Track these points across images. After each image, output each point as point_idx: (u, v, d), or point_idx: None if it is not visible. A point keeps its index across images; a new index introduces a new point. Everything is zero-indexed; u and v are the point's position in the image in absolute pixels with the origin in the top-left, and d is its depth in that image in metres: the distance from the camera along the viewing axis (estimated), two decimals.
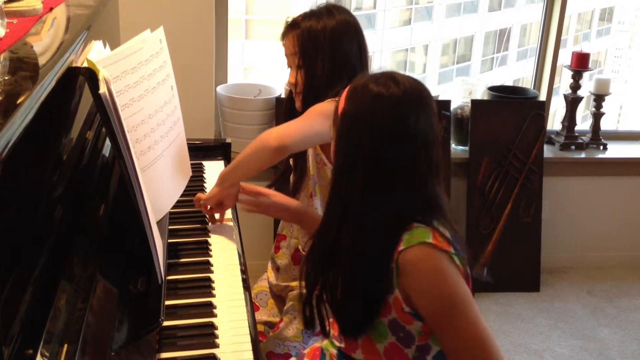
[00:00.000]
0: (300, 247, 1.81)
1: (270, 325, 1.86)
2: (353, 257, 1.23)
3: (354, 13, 1.79)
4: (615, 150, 3.23)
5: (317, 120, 1.57)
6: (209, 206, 1.63)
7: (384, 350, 1.24)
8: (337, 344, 1.32)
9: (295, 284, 1.78)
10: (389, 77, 1.25)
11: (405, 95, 1.23)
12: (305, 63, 1.69)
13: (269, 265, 1.93)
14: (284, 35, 1.74)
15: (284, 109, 1.88)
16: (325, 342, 1.38)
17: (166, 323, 1.21)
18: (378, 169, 1.21)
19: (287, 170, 1.89)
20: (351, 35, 1.70)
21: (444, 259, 1.17)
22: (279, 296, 1.88)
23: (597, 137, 3.21)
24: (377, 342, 1.25)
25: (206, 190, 1.79)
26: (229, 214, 1.68)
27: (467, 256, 1.23)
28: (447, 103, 3.00)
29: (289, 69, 1.76)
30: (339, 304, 1.27)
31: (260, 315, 1.88)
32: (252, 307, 1.37)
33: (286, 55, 1.75)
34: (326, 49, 1.67)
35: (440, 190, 1.27)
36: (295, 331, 1.71)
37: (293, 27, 1.71)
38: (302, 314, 1.33)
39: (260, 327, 1.86)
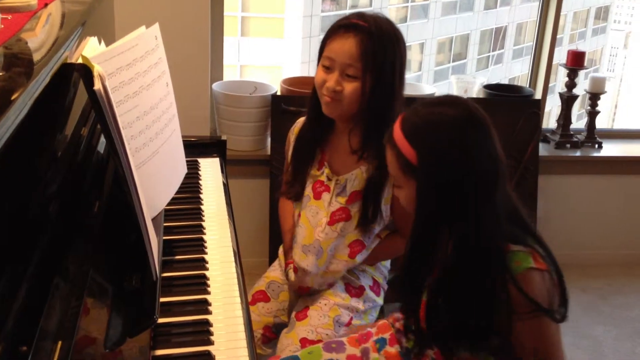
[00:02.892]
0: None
1: (278, 327, 1.84)
2: (455, 296, 1.24)
3: (350, 11, 1.77)
4: (610, 149, 3.24)
5: None
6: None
7: None
8: None
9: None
10: (433, 103, 1.24)
11: (464, 110, 1.23)
12: (364, 72, 1.60)
13: (281, 260, 1.91)
14: (335, 37, 1.63)
15: (311, 108, 1.77)
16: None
17: (161, 320, 1.20)
18: (474, 190, 1.20)
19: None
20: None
21: (547, 280, 1.21)
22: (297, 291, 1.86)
23: (592, 135, 3.21)
24: None
25: (201, 188, 1.79)
26: (223, 211, 1.68)
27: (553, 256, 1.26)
28: None
29: (328, 70, 1.65)
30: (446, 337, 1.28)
31: (271, 306, 1.86)
32: (247, 305, 1.37)
33: (333, 58, 1.63)
34: (396, 61, 1.60)
35: (513, 195, 1.27)
36: (327, 320, 1.70)
37: (352, 28, 1.61)
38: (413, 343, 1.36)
39: (268, 319, 1.85)
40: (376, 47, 1.59)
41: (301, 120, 1.85)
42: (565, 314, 1.25)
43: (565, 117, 3.19)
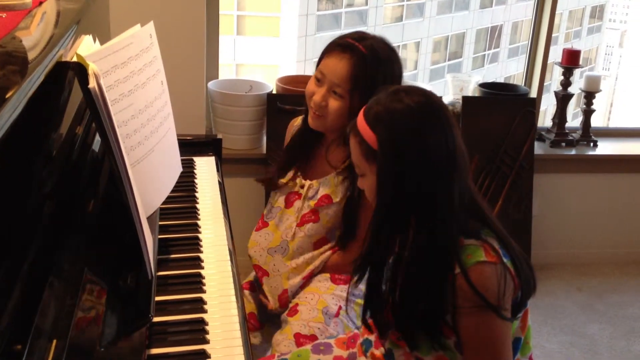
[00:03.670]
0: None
1: (262, 314, 1.87)
2: (407, 281, 1.26)
3: (346, 10, 1.81)
4: (606, 147, 3.24)
5: None
6: None
7: None
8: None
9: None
10: (397, 93, 1.26)
11: (428, 98, 1.25)
12: (351, 93, 1.64)
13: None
14: (332, 53, 1.67)
15: (301, 133, 1.83)
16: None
17: (156, 319, 1.20)
18: (432, 180, 1.22)
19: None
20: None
21: (499, 272, 1.20)
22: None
23: (588, 134, 3.22)
24: None
25: (196, 186, 1.79)
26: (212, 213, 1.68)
27: (515, 247, 1.26)
28: None
29: (318, 83, 1.69)
30: (402, 323, 1.30)
31: (257, 294, 1.89)
32: (243, 303, 1.37)
33: (324, 73, 1.67)
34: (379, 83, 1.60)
35: (473, 188, 1.28)
36: (316, 313, 1.71)
37: (349, 49, 1.65)
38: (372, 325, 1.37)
39: (252, 306, 1.87)
40: (368, 72, 1.63)
41: (300, 118, 1.87)
42: (519, 310, 1.26)
43: (560, 115, 3.19)
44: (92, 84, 1.02)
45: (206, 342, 1.21)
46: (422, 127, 1.22)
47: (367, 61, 1.63)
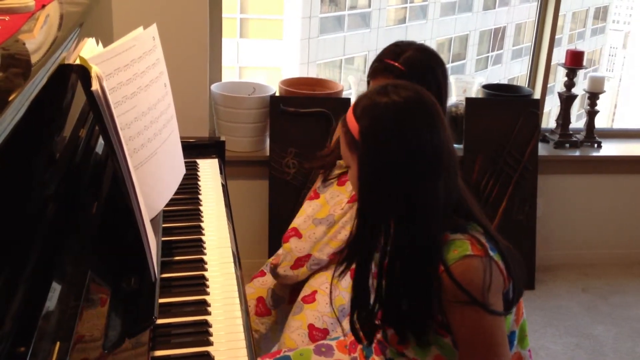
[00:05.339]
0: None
1: (276, 300, 1.90)
2: (397, 279, 1.26)
3: (349, 12, 1.83)
4: (610, 148, 3.24)
5: None
6: None
7: None
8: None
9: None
10: (385, 88, 1.26)
11: (415, 94, 1.25)
12: None
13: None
14: (376, 79, 1.76)
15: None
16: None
17: (160, 321, 1.20)
18: (411, 175, 1.22)
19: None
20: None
21: (486, 266, 1.19)
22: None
23: (592, 135, 3.21)
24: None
25: (200, 189, 1.79)
26: (215, 215, 1.68)
27: (503, 242, 1.25)
28: None
29: None
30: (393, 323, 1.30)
31: (266, 279, 1.92)
32: (246, 305, 1.37)
33: None
34: None
35: (462, 187, 1.28)
36: (333, 308, 1.73)
37: (388, 71, 1.72)
38: (359, 331, 1.36)
39: (262, 291, 1.90)
40: None
41: None
42: (512, 304, 1.26)
43: (564, 116, 3.19)
44: (95, 86, 1.02)
45: (210, 344, 1.21)
46: (405, 121, 1.23)
47: (407, 77, 1.65)
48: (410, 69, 1.68)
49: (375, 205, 1.26)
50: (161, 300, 1.24)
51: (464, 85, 3.20)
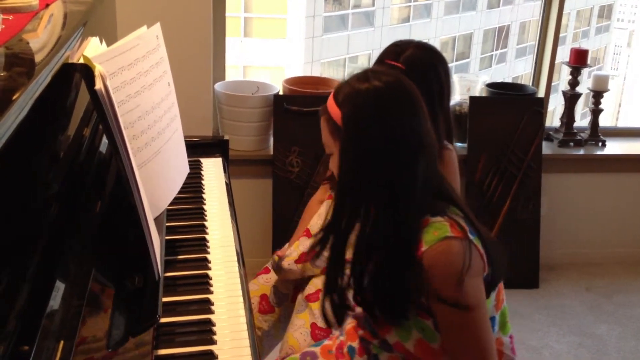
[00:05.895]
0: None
1: (279, 298, 1.90)
2: (377, 262, 1.26)
3: (353, 11, 1.83)
4: (614, 147, 3.23)
5: None
6: None
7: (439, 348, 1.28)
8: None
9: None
10: (365, 74, 1.28)
11: (396, 80, 1.27)
12: None
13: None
14: None
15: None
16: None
17: (163, 320, 1.21)
18: (392, 161, 1.23)
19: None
20: None
21: (465, 247, 1.20)
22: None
23: (596, 133, 3.21)
24: (431, 342, 1.28)
25: (203, 188, 1.79)
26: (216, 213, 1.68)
27: (483, 228, 1.26)
28: None
29: None
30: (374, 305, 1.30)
31: (270, 277, 1.92)
32: (250, 304, 1.37)
33: None
34: None
35: (444, 179, 1.30)
36: None
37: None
38: (328, 311, 1.36)
39: (266, 288, 1.90)
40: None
41: None
42: (491, 288, 1.27)
43: (568, 115, 3.18)
44: (98, 85, 1.03)
45: (213, 342, 1.21)
46: (386, 107, 1.24)
47: (408, 76, 1.65)
48: (410, 68, 1.67)
49: (355, 190, 1.27)
50: (165, 299, 1.25)
51: (467, 84, 3.19)
